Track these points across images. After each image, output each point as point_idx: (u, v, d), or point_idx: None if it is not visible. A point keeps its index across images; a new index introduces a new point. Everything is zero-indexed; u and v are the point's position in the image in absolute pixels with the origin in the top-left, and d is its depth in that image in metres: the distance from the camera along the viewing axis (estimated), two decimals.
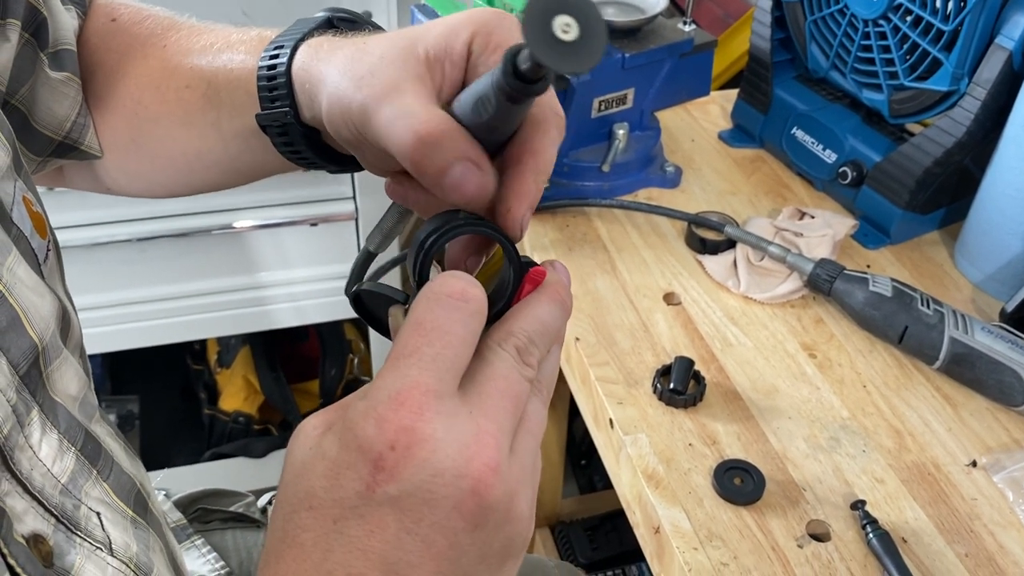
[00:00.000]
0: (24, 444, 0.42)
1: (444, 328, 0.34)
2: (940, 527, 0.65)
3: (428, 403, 0.33)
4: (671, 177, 0.97)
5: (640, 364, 0.77)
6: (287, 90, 0.49)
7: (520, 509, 0.35)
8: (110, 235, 1.29)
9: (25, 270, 0.44)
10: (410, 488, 0.32)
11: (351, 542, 0.33)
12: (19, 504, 0.42)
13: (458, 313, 0.35)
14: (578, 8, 0.33)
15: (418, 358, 0.34)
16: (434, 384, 0.33)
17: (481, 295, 0.36)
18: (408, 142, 0.39)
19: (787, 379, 0.76)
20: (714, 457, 0.69)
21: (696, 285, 0.85)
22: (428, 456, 0.32)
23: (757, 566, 0.62)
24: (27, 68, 0.54)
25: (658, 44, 0.92)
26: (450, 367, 0.34)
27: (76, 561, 0.44)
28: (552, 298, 0.39)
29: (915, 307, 0.76)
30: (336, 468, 0.33)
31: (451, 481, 0.32)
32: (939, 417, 0.73)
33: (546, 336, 0.38)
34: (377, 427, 0.33)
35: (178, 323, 1.42)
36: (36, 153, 0.58)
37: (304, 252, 1.41)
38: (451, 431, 0.33)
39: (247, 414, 1.68)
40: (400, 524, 0.33)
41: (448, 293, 0.35)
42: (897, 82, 0.87)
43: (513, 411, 0.35)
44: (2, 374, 0.41)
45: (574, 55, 0.33)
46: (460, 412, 0.34)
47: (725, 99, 1.11)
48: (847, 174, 0.91)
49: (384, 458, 0.32)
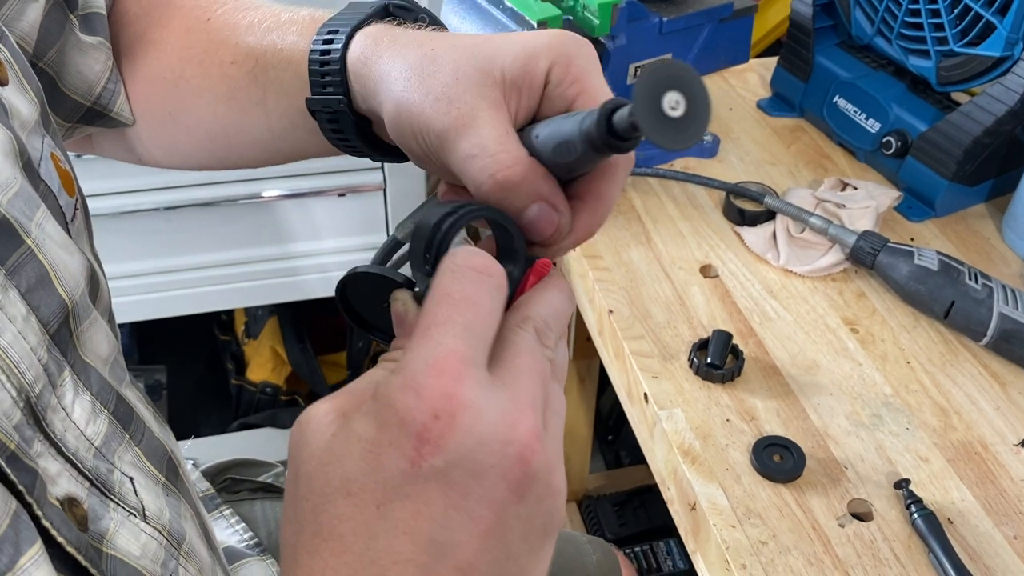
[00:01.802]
0: (56, 405, 0.42)
1: (473, 299, 0.34)
2: (987, 508, 0.63)
3: (467, 370, 0.32)
4: (708, 147, 0.94)
5: (676, 338, 0.75)
6: (341, 77, 0.47)
7: (558, 483, 0.33)
8: (136, 204, 1.29)
9: (54, 226, 0.43)
10: (456, 458, 0.31)
11: (396, 526, 0.31)
12: (52, 466, 0.41)
13: (484, 285, 0.34)
14: (689, 86, 0.33)
15: (450, 326, 0.33)
16: (469, 352, 0.32)
17: (502, 270, 0.35)
18: (487, 185, 0.39)
19: (828, 354, 0.74)
20: (752, 433, 0.67)
21: (734, 257, 0.83)
22: (473, 423, 0.31)
23: (797, 545, 0.60)
24: (55, 30, 0.53)
25: (697, 8, 0.89)
26: (482, 337, 0.33)
27: (110, 527, 0.43)
28: (560, 287, 0.39)
29: (962, 281, 0.73)
30: (375, 448, 0.31)
31: (498, 448, 0.31)
32: (986, 395, 0.71)
33: (559, 322, 0.38)
34: (417, 396, 0.31)
35: (205, 293, 1.42)
36: (65, 118, 0.57)
37: (332, 222, 1.39)
38: (490, 399, 0.32)
39: (275, 385, 1.68)
40: (447, 499, 0.31)
41: (472, 266, 0.34)
42: (946, 48, 0.83)
43: (541, 386, 0.34)
44: (32, 332, 0.40)
45: (676, 132, 0.33)
46: (495, 384, 0.33)
47: (764, 67, 1.08)
48: (891, 144, 0.88)
49: (428, 428, 0.31)
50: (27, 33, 0.51)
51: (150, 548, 0.45)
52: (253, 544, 0.69)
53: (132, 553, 0.44)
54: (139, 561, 0.44)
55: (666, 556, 1.35)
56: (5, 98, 0.44)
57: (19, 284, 0.40)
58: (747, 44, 0.96)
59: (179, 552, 0.48)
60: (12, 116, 0.44)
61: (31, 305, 0.40)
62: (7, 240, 0.40)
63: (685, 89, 0.33)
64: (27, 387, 0.39)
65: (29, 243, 0.41)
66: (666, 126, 0.33)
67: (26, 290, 0.40)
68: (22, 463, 0.37)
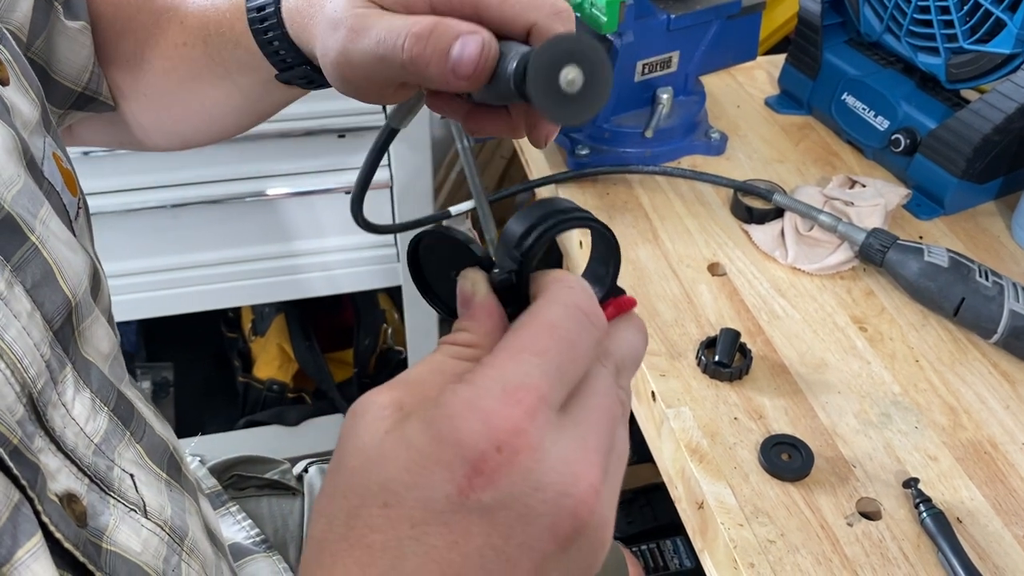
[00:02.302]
0: (57, 401, 0.42)
1: (575, 343, 0.32)
2: (997, 508, 0.62)
3: (543, 409, 0.30)
4: (716, 144, 0.94)
5: (683, 336, 0.75)
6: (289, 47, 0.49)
7: (607, 535, 0.32)
8: (143, 201, 1.29)
9: (58, 224, 0.43)
10: (507, 499, 0.29)
11: (428, 552, 0.29)
12: (52, 462, 0.41)
13: (587, 331, 0.32)
14: (588, 61, 0.32)
15: (545, 360, 0.30)
16: (550, 393, 0.30)
17: (604, 320, 0.34)
18: (406, 45, 0.39)
19: (836, 353, 0.73)
20: (760, 432, 0.67)
21: (742, 255, 0.83)
22: (533, 466, 0.29)
23: (805, 544, 0.60)
24: (41, 19, 0.53)
25: (705, 5, 0.88)
26: (568, 382, 0.31)
27: (110, 522, 0.43)
28: (640, 328, 0.37)
29: (973, 278, 0.73)
30: (424, 462, 0.29)
31: (552, 498, 0.29)
32: (996, 394, 0.70)
33: (636, 363, 0.36)
34: (485, 422, 0.29)
35: (212, 290, 1.42)
36: (57, 105, 0.57)
37: (338, 221, 1.39)
38: (557, 444, 0.30)
39: (281, 382, 1.68)
40: (487, 539, 0.29)
41: (581, 307, 0.33)
42: (956, 45, 0.83)
43: (610, 431, 0.32)
44: (36, 328, 0.40)
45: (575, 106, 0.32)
46: (566, 428, 0.31)
47: (772, 64, 1.08)
48: (900, 141, 0.88)
49: (487, 460, 0.29)
50: (21, 24, 0.51)
51: (151, 544, 0.45)
52: (259, 541, 0.69)
53: (133, 549, 0.44)
54: (140, 557, 0.44)
55: (673, 554, 1.34)
56: (7, 97, 0.44)
57: (24, 280, 0.40)
58: (755, 41, 0.96)
59: (182, 547, 0.48)
60: (14, 115, 0.44)
61: (36, 301, 0.40)
62: (11, 236, 0.40)
63: (584, 64, 0.32)
64: (30, 383, 0.39)
65: (33, 239, 0.41)
66: (560, 101, 0.32)
67: (31, 286, 0.40)
68: (24, 458, 0.38)
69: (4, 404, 0.38)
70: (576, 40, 0.33)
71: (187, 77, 0.56)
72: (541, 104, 0.32)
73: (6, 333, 0.38)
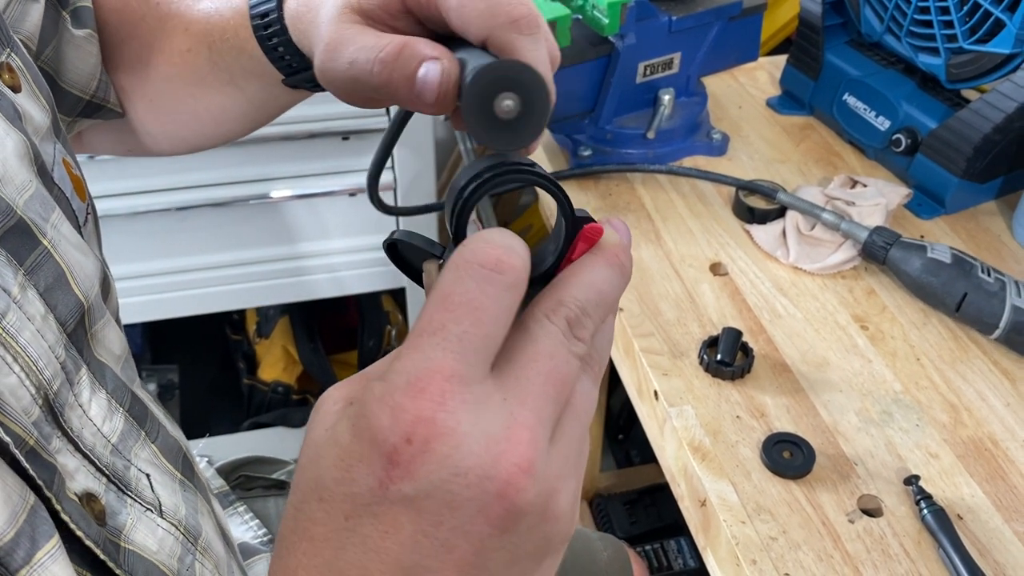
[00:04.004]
0: (74, 402, 0.42)
1: (474, 303, 0.30)
2: (998, 504, 0.63)
3: (452, 390, 0.29)
4: (718, 144, 0.94)
5: (686, 335, 0.75)
6: (295, 52, 0.49)
7: (559, 507, 0.30)
8: (149, 204, 1.29)
9: (69, 228, 0.44)
10: (428, 488, 0.29)
11: (364, 542, 0.30)
12: (71, 462, 0.41)
13: (491, 287, 0.30)
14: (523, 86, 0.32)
15: (443, 337, 0.29)
16: (460, 368, 0.29)
17: (520, 264, 0.31)
18: (375, 70, 0.39)
19: (838, 351, 0.74)
20: (762, 430, 0.68)
21: (744, 255, 0.83)
22: (450, 452, 0.29)
23: (807, 541, 0.61)
24: (50, 28, 0.54)
25: (706, 7, 0.89)
26: (480, 348, 0.30)
27: (128, 521, 0.44)
28: (610, 262, 0.34)
29: (975, 274, 0.73)
30: (347, 459, 0.30)
31: (475, 482, 0.29)
32: (996, 392, 0.71)
33: (602, 306, 0.33)
34: (392, 417, 0.29)
35: (217, 293, 1.42)
36: (66, 113, 0.57)
37: (343, 222, 1.40)
38: (478, 423, 0.29)
39: (286, 384, 1.68)
40: (417, 526, 0.29)
41: (481, 262, 0.30)
42: (956, 45, 0.83)
43: (556, 396, 0.31)
44: (51, 331, 0.41)
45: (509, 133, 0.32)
46: (491, 400, 0.30)
47: (773, 65, 1.08)
48: (901, 141, 0.88)
49: (399, 452, 0.29)
50: (31, 34, 0.52)
51: (167, 543, 0.46)
52: (267, 540, 0.70)
53: (149, 548, 0.44)
54: (156, 556, 0.45)
55: (677, 554, 1.35)
56: (19, 104, 0.44)
57: (37, 284, 0.40)
58: (756, 42, 0.96)
59: (196, 547, 0.48)
60: (26, 121, 0.44)
61: (49, 304, 0.41)
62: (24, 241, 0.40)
63: (521, 91, 0.32)
64: (45, 384, 0.40)
65: (45, 243, 0.41)
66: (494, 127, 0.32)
67: (44, 290, 0.41)
68: (41, 459, 0.38)
69: (20, 406, 0.38)
70: (513, 67, 0.33)
71: (192, 82, 0.56)
72: (473, 129, 0.32)
73: (20, 336, 0.39)
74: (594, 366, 0.34)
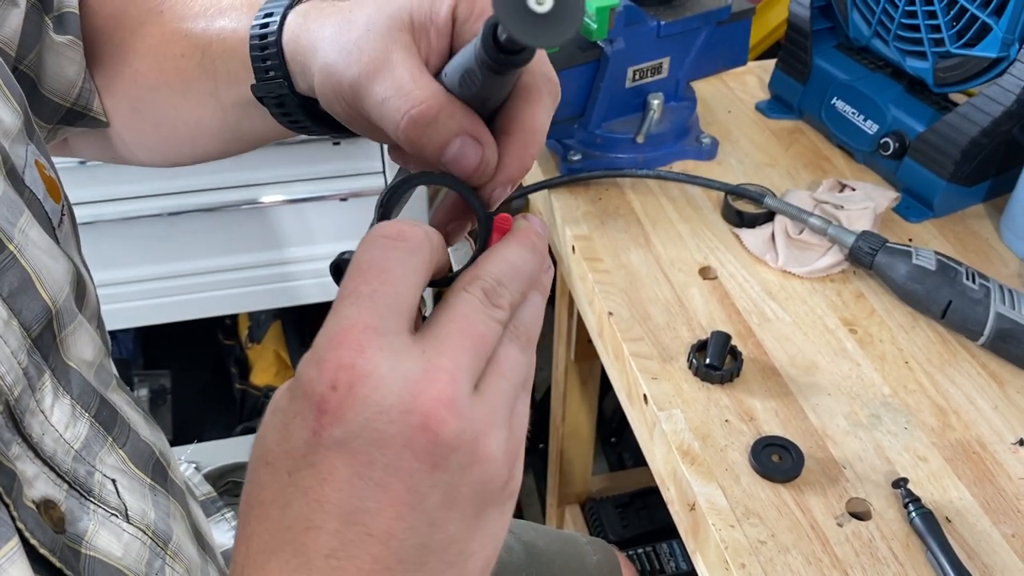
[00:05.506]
0: (35, 408, 0.42)
1: (380, 266, 0.33)
2: (986, 507, 0.63)
3: (369, 340, 0.32)
4: (707, 149, 0.95)
5: (675, 339, 0.75)
6: (279, 60, 0.48)
7: (489, 450, 0.32)
8: (140, 209, 1.29)
9: (38, 232, 0.44)
10: (356, 428, 0.31)
11: (306, 493, 0.32)
12: (30, 469, 0.41)
13: (394, 252, 0.34)
14: None
15: (355, 298, 0.33)
16: (374, 321, 0.32)
17: (420, 233, 0.34)
18: (403, 125, 0.38)
19: (827, 355, 0.74)
20: (751, 434, 0.68)
21: (733, 259, 0.83)
22: (370, 393, 0.31)
23: (796, 544, 0.61)
24: (33, 33, 0.53)
25: (695, 11, 0.89)
26: (391, 304, 0.33)
27: (89, 527, 0.44)
28: (520, 241, 0.37)
29: (959, 281, 0.73)
30: (286, 418, 0.33)
31: (398, 417, 0.31)
32: (984, 395, 0.71)
33: (517, 278, 0.36)
34: (317, 368, 0.32)
35: (209, 298, 1.42)
36: (46, 120, 0.57)
37: (334, 227, 1.40)
38: (396, 368, 0.31)
39: None
40: (351, 468, 0.31)
41: (383, 234, 0.34)
42: (943, 49, 0.84)
43: (474, 350, 0.33)
44: (13, 336, 0.40)
45: (548, 27, 0.31)
46: (411, 351, 0.32)
47: (762, 69, 1.08)
48: (889, 145, 0.88)
49: (326, 399, 0.31)
50: (10, 39, 0.51)
51: (133, 548, 0.46)
52: None
53: (113, 554, 0.44)
54: (121, 561, 0.45)
55: (669, 558, 1.35)
56: None
57: (1, 289, 0.40)
58: (745, 47, 0.97)
59: (166, 552, 0.48)
60: None
61: (12, 309, 0.41)
62: None
63: None
64: (6, 390, 0.40)
65: (11, 248, 0.41)
66: (532, 22, 0.31)
67: (8, 295, 0.41)
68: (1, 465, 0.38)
69: None
70: None
71: (178, 91, 0.55)
72: (509, 23, 0.30)
73: None
74: (520, 335, 0.36)
